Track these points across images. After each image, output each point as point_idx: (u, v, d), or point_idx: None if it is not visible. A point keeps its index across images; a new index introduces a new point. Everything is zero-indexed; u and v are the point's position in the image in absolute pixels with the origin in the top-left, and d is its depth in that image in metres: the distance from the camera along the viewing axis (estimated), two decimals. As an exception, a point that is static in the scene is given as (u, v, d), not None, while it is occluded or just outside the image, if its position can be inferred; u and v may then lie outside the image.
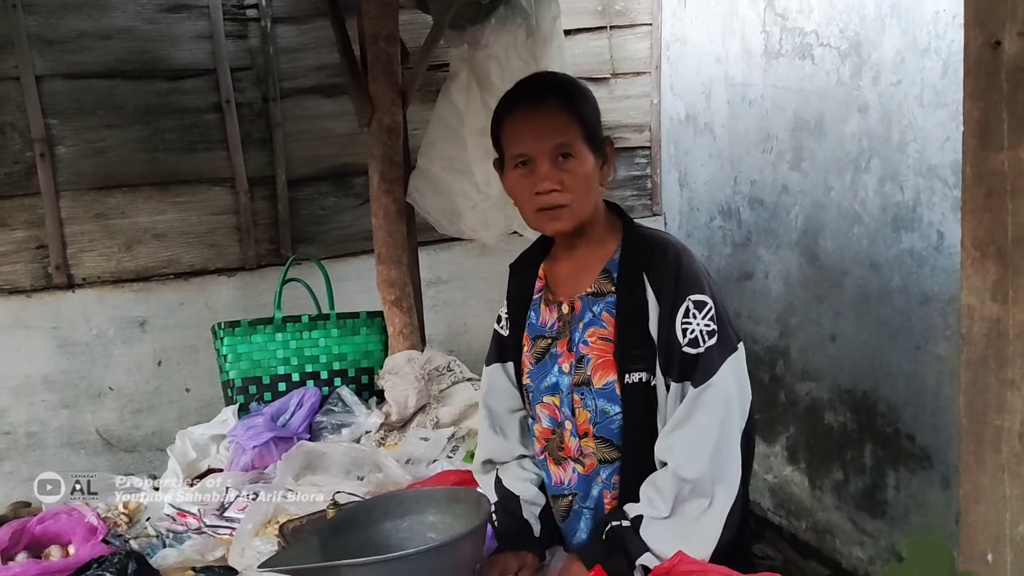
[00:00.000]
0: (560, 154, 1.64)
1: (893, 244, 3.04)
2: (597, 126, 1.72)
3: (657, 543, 1.59)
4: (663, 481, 1.61)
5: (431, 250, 3.68)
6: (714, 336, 1.62)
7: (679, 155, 4.18)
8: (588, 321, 1.72)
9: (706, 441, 1.59)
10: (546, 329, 1.79)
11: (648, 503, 1.62)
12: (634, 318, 1.66)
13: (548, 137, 1.64)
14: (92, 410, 3.52)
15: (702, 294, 1.64)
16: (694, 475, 1.58)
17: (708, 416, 1.60)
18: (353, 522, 1.65)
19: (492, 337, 1.93)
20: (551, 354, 1.77)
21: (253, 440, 2.47)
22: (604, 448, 1.72)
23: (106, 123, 3.41)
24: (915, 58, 2.85)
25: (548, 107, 1.66)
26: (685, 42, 4.02)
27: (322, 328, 2.88)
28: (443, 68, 3.33)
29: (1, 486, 3.42)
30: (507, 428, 1.89)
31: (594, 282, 1.73)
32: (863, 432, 3.29)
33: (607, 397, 1.68)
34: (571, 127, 1.65)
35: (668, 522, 1.60)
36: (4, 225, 3.35)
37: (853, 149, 3.15)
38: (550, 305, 1.79)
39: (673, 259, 1.66)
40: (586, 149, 1.66)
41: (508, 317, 1.88)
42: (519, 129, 1.68)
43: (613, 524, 1.63)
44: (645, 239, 1.73)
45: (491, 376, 1.91)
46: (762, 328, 3.75)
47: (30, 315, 3.42)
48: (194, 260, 3.60)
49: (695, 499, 1.60)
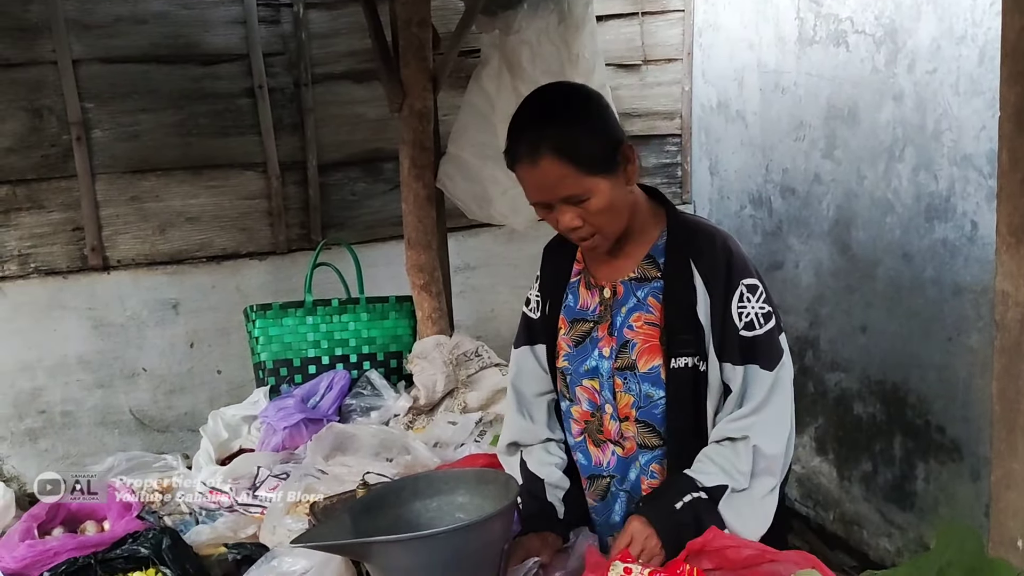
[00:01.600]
0: (571, 202, 1.62)
1: (926, 234, 3.01)
2: (605, 148, 1.63)
3: (734, 518, 1.61)
4: (741, 456, 1.63)
5: (459, 236, 3.70)
6: (770, 319, 1.66)
7: (710, 143, 4.15)
8: (632, 306, 1.72)
9: (785, 421, 1.66)
10: (587, 313, 1.79)
11: (726, 475, 1.62)
12: (682, 303, 1.67)
13: (553, 191, 1.62)
14: (126, 390, 3.59)
15: (753, 278, 1.67)
16: (772, 452, 1.63)
17: (785, 397, 1.66)
18: (383, 501, 1.67)
19: (520, 320, 1.93)
20: (592, 338, 1.77)
21: (284, 421, 2.51)
22: (646, 433, 1.73)
23: (141, 107, 3.46)
24: (951, 46, 2.81)
25: (544, 164, 1.59)
26: (718, 28, 3.99)
27: (352, 312, 2.90)
28: (474, 54, 3.34)
29: (36, 463, 3.50)
30: (534, 411, 1.90)
31: (637, 267, 1.73)
32: (893, 423, 3.27)
33: (651, 381, 1.69)
34: (572, 176, 1.59)
35: (744, 495, 1.62)
36: (41, 207, 3.41)
37: (887, 138, 3.12)
38: (591, 289, 1.79)
39: (722, 246, 1.67)
40: (597, 180, 1.61)
41: (540, 299, 1.88)
42: (525, 181, 1.65)
43: (693, 496, 1.61)
44: (690, 226, 1.73)
45: (519, 359, 1.91)
46: (791, 318, 3.73)
47: (66, 296, 3.48)
48: (226, 244, 3.65)
49: (766, 476, 1.63)
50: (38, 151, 3.37)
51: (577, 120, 1.64)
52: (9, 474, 3.42)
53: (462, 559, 1.48)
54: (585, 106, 1.68)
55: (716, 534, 1.54)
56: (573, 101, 1.69)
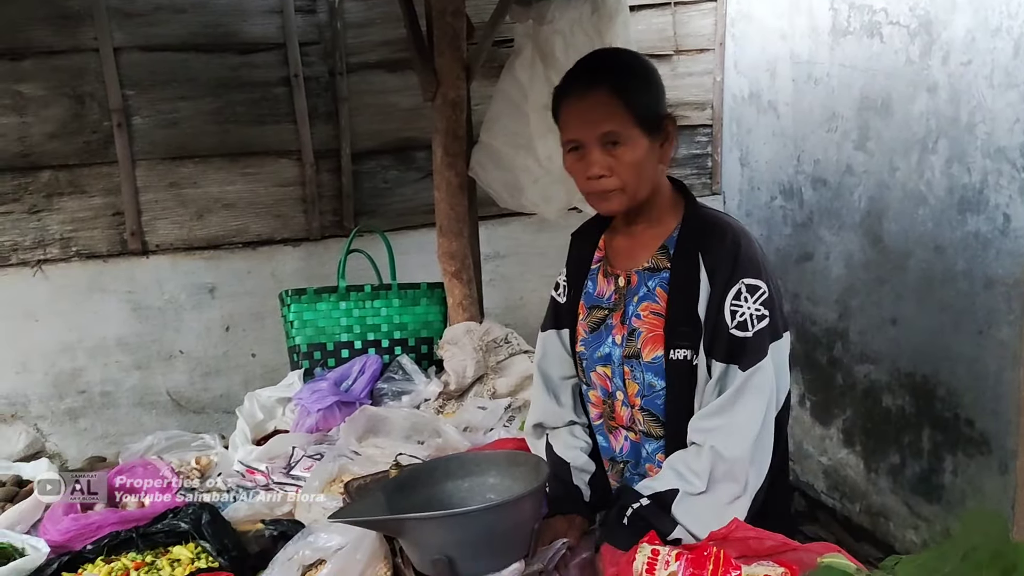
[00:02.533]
0: (608, 141, 1.65)
1: (958, 227, 3.00)
2: (654, 108, 1.68)
3: (690, 520, 1.59)
4: (698, 459, 1.61)
5: (490, 225, 3.73)
6: (763, 320, 1.62)
7: (741, 133, 4.15)
8: (643, 295, 1.74)
9: (751, 425, 1.60)
10: (603, 300, 1.82)
11: (679, 478, 1.62)
12: (684, 296, 1.67)
13: (596, 125, 1.64)
14: (163, 372, 3.67)
15: (757, 279, 1.64)
16: (733, 455, 1.59)
17: (755, 400, 1.61)
18: (416, 481, 1.71)
19: (549, 303, 1.97)
20: (606, 325, 1.80)
21: (318, 403, 2.56)
22: (650, 422, 1.75)
23: (180, 95, 3.52)
24: (986, 38, 2.80)
25: (597, 94, 1.64)
26: (750, 19, 3.98)
27: (384, 298, 2.95)
28: (507, 44, 3.36)
29: (76, 442, 3.60)
30: (560, 394, 1.93)
31: (651, 257, 1.75)
32: (921, 416, 3.26)
33: (654, 371, 1.71)
34: (619, 115, 1.63)
35: (703, 499, 1.60)
36: (83, 192, 3.49)
37: (920, 129, 3.10)
38: (608, 277, 1.82)
39: (731, 242, 1.66)
40: (638, 133, 1.64)
41: (566, 284, 1.92)
42: (570, 115, 1.69)
43: (634, 507, 1.62)
44: (706, 220, 1.73)
45: (546, 342, 1.95)
46: (821, 309, 3.73)
47: (106, 279, 3.57)
48: (261, 230, 3.71)
49: (728, 482, 1.60)
50: (80, 137, 3.45)
51: (637, 72, 1.70)
52: (51, 451, 3.51)
53: (493, 537, 1.52)
54: (646, 67, 1.73)
55: (739, 525, 1.53)
56: (637, 58, 1.76)
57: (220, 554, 1.80)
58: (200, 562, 1.81)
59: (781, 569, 1.46)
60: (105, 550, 1.84)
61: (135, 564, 1.81)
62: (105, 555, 1.84)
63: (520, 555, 1.56)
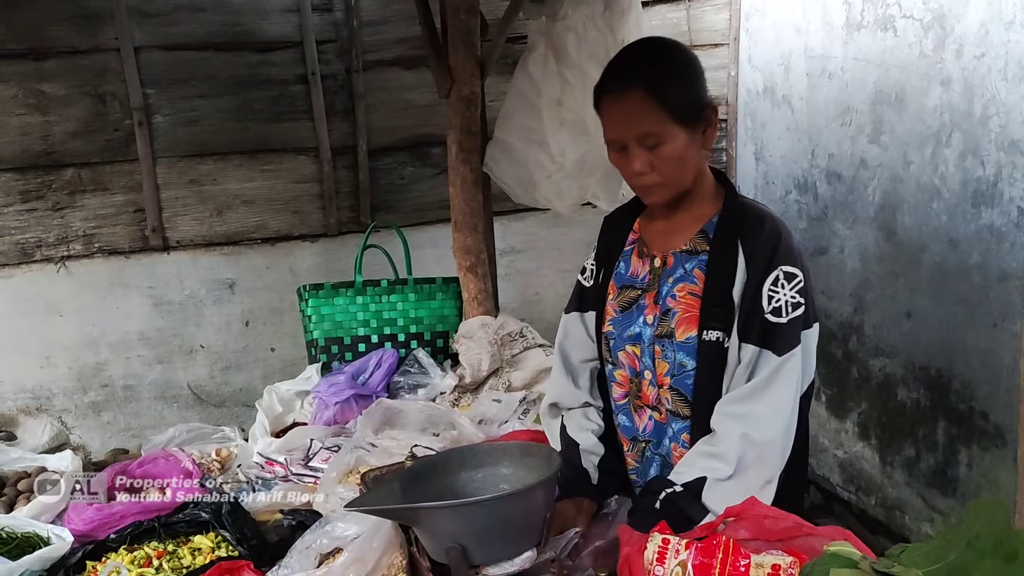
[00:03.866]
0: (648, 141, 1.67)
1: (972, 220, 3.00)
2: (692, 100, 1.70)
3: (720, 506, 1.61)
4: (725, 444, 1.65)
5: (505, 220, 3.75)
6: (799, 308, 1.66)
7: (755, 128, 4.15)
8: (679, 277, 1.77)
9: (783, 411, 1.65)
10: (637, 280, 1.85)
11: (705, 468, 1.65)
12: (722, 278, 1.70)
13: (634, 126, 1.67)
14: (184, 366, 3.73)
15: (795, 267, 1.67)
16: (765, 440, 1.63)
17: (787, 387, 1.65)
18: (431, 471, 1.74)
19: (575, 286, 2.00)
20: (638, 305, 1.83)
21: (335, 396, 2.60)
22: (678, 401, 1.77)
23: (199, 93, 3.57)
24: (1000, 31, 2.79)
25: (633, 96, 1.67)
26: (764, 13, 3.98)
27: (400, 292, 2.98)
28: (521, 40, 3.38)
29: (100, 434, 3.66)
30: (578, 376, 1.97)
31: (690, 241, 1.78)
32: (936, 409, 3.26)
33: (686, 351, 1.73)
34: (655, 115, 1.66)
35: (732, 483, 1.63)
36: (105, 189, 3.55)
37: (934, 123, 3.10)
38: (643, 258, 1.85)
39: (771, 230, 1.70)
40: (677, 128, 1.67)
41: (595, 268, 1.95)
42: (609, 115, 1.73)
43: (668, 492, 1.65)
44: (747, 208, 1.77)
45: (568, 324, 1.99)
46: (836, 303, 3.73)
47: (128, 275, 3.62)
48: (280, 226, 3.75)
49: (759, 467, 1.64)
50: (102, 135, 3.50)
51: (673, 67, 1.72)
52: (75, 444, 3.57)
53: (506, 526, 1.55)
54: (683, 58, 1.75)
55: (755, 503, 1.55)
56: (673, 51, 1.77)
57: (240, 543, 1.85)
58: (220, 551, 1.86)
59: (790, 558, 1.48)
60: (128, 539, 1.89)
61: (157, 553, 1.86)
62: (128, 544, 1.88)
63: (532, 544, 1.58)
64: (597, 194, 3.02)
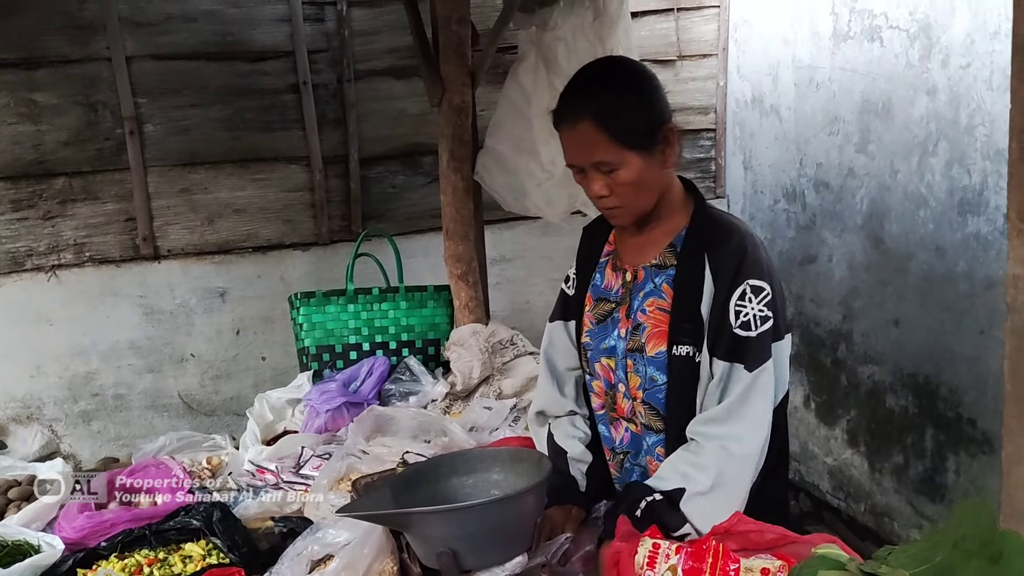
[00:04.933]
0: (603, 168, 1.69)
1: (959, 228, 3.03)
2: (645, 125, 1.69)
3: (698, 517, 1.63)
4: (706, 456, 1.66)
5: (495, 229, 3.76)
6: (767, 322, 1.67)
7: (744, 137, 4.19)
8: (649, 291, 1.78)
9: (760, 427, 1.66)
10: (610, 293, 1.87)
11: (684, 478, 1.66)
12: (689, 293, 1.71)
13: (587, 155, 1.70)
14: (175, 375, 3.72)
15: (761, 280, 1.68)
16: (743, 454, 1.64)
17: (762, 402, 1.66)
18: (422, 477, 1.75)
19: (559, 295, 2.02)
20: (612, 318, 1.84)
21: (327, 404, 2.60)
22: (651, 415, 1.79)
23: (191, 102, 3.57)
24: (985, 40, 2.83)
25: (583, 127, 1.67)
26: (752, 24, 4.02)
27: (391, 300, 2.99)
28: (512, 50, 3.40)
29: (90, 444, 3.64)
30: (564, 383, 1.98)
31: (659, 254, 1.79)
32: (924, 416, 3.29)
33: (657, 366, 1.75)
34: (605, 144, 1.66)
35: (710, 497, 1.64)
36: (96, 198, 3.54)
37: (920, 132, 3.14)
38: (616, 271, 1.87)
39: (738, 243, 1.70)
40: (630, 154, 1.67)
41: (575, 276, 1.97)
42: (564, 141, 1.74)
43: (648, 500, 1.66)
44: (714, 220, 1.77)
45: (553, 332, 2.00)
46: (825, 311, 3.75)
47: (119, 284, 3.61)
48: (271, 234, 3.75)
49: (737, 481, 1.66)
50: (93, 144, 3.49)
51: (622, 92, 1.70)
52: (66, 452, 3.56)
53: (496, 531, 1.56)
54: (634, 81, 1.74)
55: (740, 518, 1.58)
56: (624, 75, 1.76)
57: (231, 550, 1.84)
58: (211, 558, 1.85)
59: (779, 562, 1.50)
60: (119, 547, 1.88)
61: (148, 560, 1.85)
62: (119, 552, 1.88)
63: (523, 549, 1.59)
64: (586, 202, 3.04)
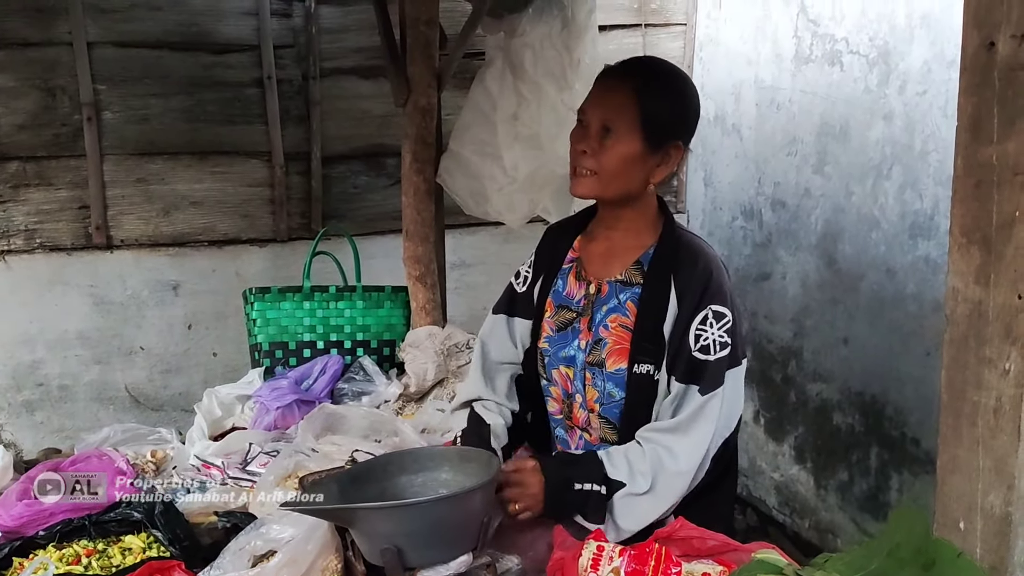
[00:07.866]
0: (606, 129, 1.72)
1: (909, 251, 3.09)
2: (666, 124, 1.74)
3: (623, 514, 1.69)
4: (648, 463, 1.70)
5: (457, 234, 3.76)
6: (725, 349, 1.71)
7: (706, 155, 4.24)
8: (612, 307, 1.80)
9: (702, 446, 1.71)
10: (572, 302, 1.87)
11: (630, 475, 1.70)
12: (653, 313, 1.74)
13: (603, 110, 1.73)
14: (123, 368, 3.65)
15: (724, 306, 1.72)
16: (678, 471, 1.69)
17: (708, 425, 1.70)
18: (370, 474, 1.74)
19: (506, 288, 2.03)
20: (573, 328, 1.85)
21: (277, 401, 2.57)
22: (606, 428, 1.81)
23: (152, 92, 3.52)
24: (942, 69, 2.90)
25: (619, 86, 1.74)
26: (718, 43, 4.08)
27: (348, 299, 2.97)
28: (479, 56, 3.41)
29: (32, 434, 3.57)
30: (496, 379, 1.98)
31: (625, 271, 1.81)
32: (870, 434, 3.35)
33: (615, 382, 1.77)
34: (627, 110, 1.71)
35: (640, 500, 1.69)
36: (49, 184, 3.48)
37: (876, 155, 3.20)
38: (580, 280, 1.88)
39: (704, 268, 1.74)
40: (636, 136, 1.71)
41: (530, 275, 1.96)
42: (593, 91, 1.79)
43: (594, 487, 1.69)
44: (682, 242, 1.80)
45: (493, 324, 2.01)
46: (777, 328, 3.81)
47: (69, 272, 3.55)
48: (228, 229, 3.71)
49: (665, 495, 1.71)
50: (49, 129, 3.43)
51: (672, 92, 1.78)
52: (7, 441, 3.48)
53: (442, 529, 1.55)
54: (685, 91, 1.81)
55: (683, 524, 1.61)
56: (683, 84, 1.83)
57: (172, 544, 1.81)
58: (152, 551, 1.82)
59: (720, 567, 1.52)
60: (57, 536, 1.84)
61: (86, 551, 1.82)
62: (57, 542, 1.84)
63: (469, 548, 1.58)
64: (548, 208, 3.06)
